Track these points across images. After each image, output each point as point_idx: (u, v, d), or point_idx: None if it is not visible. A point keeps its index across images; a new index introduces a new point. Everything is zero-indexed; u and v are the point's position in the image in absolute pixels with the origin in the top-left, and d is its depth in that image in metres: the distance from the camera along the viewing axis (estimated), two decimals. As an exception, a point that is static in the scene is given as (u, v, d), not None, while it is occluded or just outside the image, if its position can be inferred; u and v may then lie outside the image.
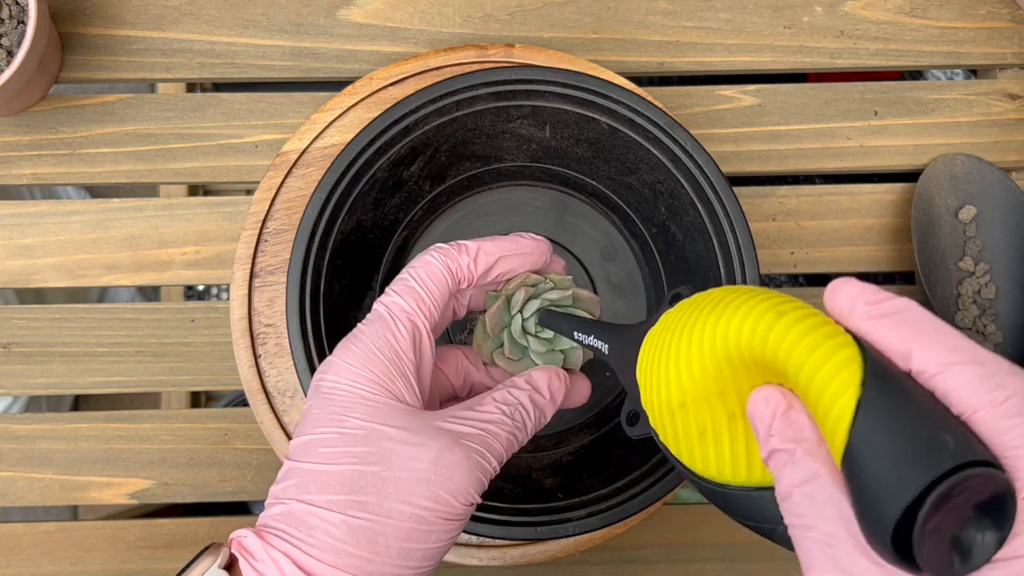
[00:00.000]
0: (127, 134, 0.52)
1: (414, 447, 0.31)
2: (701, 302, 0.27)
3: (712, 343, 0.25)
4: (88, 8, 0.52)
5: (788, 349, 0.23)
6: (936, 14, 0.54)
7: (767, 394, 0.24)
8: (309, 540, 0.29)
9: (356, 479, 0.30)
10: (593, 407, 0.48)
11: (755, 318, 0.24)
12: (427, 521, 0.31)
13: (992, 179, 0.52)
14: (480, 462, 0.32)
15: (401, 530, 0.30)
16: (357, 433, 0.31)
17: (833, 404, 0.22)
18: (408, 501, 0.30)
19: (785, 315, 0.24)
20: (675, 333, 0.27)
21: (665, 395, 0.27)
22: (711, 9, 0.54)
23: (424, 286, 0.35)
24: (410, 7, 0.53)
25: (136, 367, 0.52)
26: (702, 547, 0.52)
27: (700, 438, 0.27)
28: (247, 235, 0.48)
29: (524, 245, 0.37)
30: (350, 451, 0.30)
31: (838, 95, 0.54)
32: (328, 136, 0.49)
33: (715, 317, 0.25)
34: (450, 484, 0.31)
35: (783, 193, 0.54)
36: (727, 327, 0.25)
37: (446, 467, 0.31)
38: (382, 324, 0.34)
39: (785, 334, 0.23)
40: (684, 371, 0.26)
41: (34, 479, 0.51)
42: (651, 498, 0.40)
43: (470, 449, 0.32)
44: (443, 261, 0.35)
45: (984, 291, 0.51)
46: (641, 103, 0.42)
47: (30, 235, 0.52)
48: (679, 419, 0.27)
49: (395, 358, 0.33)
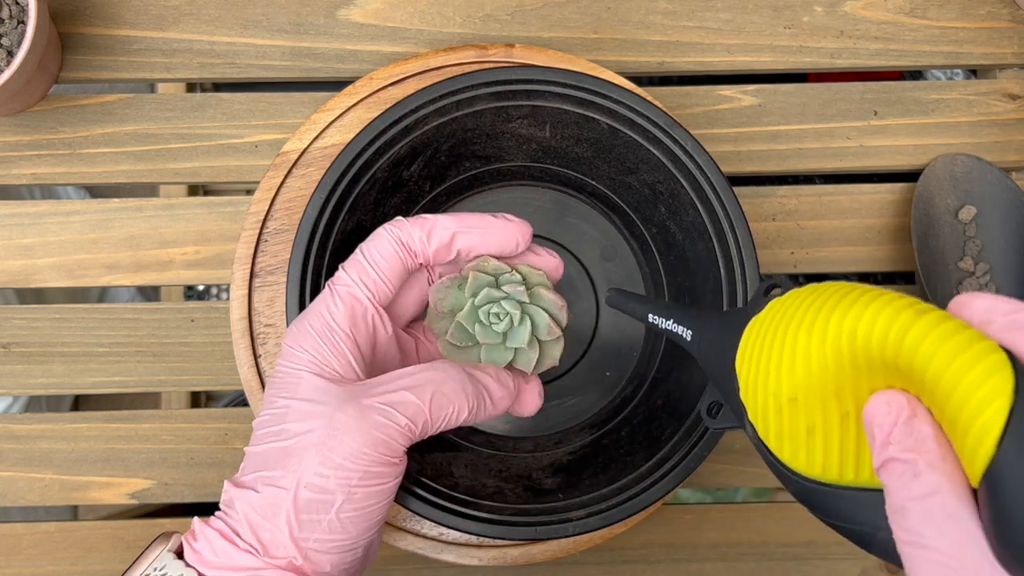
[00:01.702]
0: (127, 134, 0.52)
1: (312, 416, 0.31)
2: (823, 293, 0.25)
3: (837, 337, 0.24)
4: (88, 8, 0.52)
5: (929, 351, 0.21)
6: (936, 14, 0.54)
7: (890, 398, 0.23)
8: (234, 516, 0.31)
9: (268, 456, 0.31)
10: (593, 407, 0.48)
11: (891, 315, 0.23)
12: (323, 489, 0.30)
13: (992, 179, 0.52)
14: (380, 420, 0.31)
15: (300, 501, 0.30)
16: (279, 412, 0.32)
17: (980, 413, 0.20)
18: (302, 470, 0.30)
19: (925, 314, 0.22)
20: (792, 324, 0.26)
21: (775, 388, 0.26)
22: (711, 9, 0.54)
23: (370, 258, 0.34)
24: (410, 7, 0.53)
25: (136, 367, 0.52)
26: (702, 547, 0.52)
27: (808, 435, 0.26)
28: (247, 235, 0.48)
29: (489, 223, 0.36)
30: (271, 430, 0.31)
31: (838, 95, 0.54)
32: (328, 136, 0.49)
33: (843, 310, 0.24)
34: (343, 447, 0.30)
35: (783, 193, 0.54)
36: (857, 321, 0.23)
37: (337, 429, 0.30)
38: (320, 300, 0.34)
39: (926, 334, 0.22)
40: (800, 364, 0.25)
41: (34, 479, 0.51)
42: (651, 498, 0.40)
43: (369, 408, 0.31)
44: (394, 234, 0.35)
45: (984, 291, 0.51)
46: (641, 103, 0.42)
47: (30, 235, 0.52)
48: (787, 414, 0.26)
49: (327, 332, 0.33)
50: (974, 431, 0.20)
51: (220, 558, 0.30)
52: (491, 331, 0.37)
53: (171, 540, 0.32)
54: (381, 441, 0.31)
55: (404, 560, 0.51)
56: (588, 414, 0.48)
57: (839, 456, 0.25)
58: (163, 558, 0.31)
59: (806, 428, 0.25)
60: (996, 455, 0.20)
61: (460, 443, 0.46)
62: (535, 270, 0.38)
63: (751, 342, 0.28)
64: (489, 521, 0.40)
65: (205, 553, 0.31)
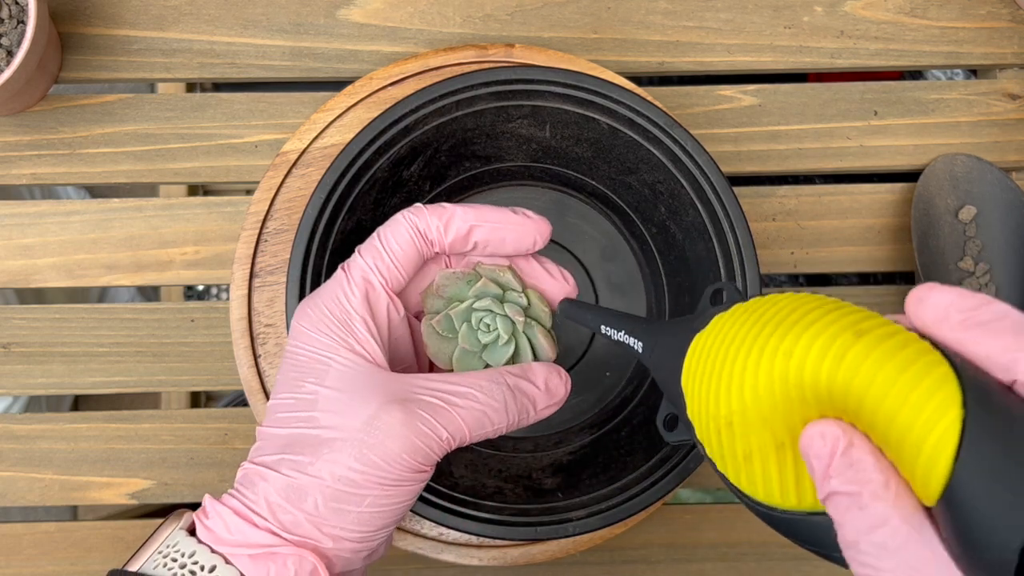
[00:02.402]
0: (127, 134, 0.52)
1: (350, 407, 0.31)
2: (764, 312, 0.24)
3: (771, 365, 0.23)
4: (88, 8, 0.52)
5: (867, 376, 0.20)
6: (936, 14, 0.54)
7: (823, 429, 0.22)
8: (251, 496, 0.31)
9: (296, 439, 0.31)
10: (593, 407, 0.48)
11: (827, 342, 0.22)
12: (356, 483, 0.30)
13: (992, 179, 0.52)
14: (423, 429, 0.30)
15: (329, 490, 0.30)
16: (307, 397, 0.31)
17: (929, 433, 0.19)
18: (337, 461, 0.30)
19: (865, 334, 0.21)
20: (732, 344, 0.25)
21: (713, 410, 0.25)
22: (711, 9, 0.54)
23: (385, 243, 0.34)
24: (410, 7, 0.53)
25: (136, 367, 0.52)
26: (702, 547, 0.52)
27: (746, 461, 0.25)
28: (247, 235, 0.48)
29: (508, 218, 0.36)
30: (299, 415, 0.31)
31: (838, 95, 0.54)
32: (328, 136, 0.49)
33: (780, 336, 0.23)
34: (382, 448, 0.30)
35: (783, 193, 0.54)
36: (794, 345, 0.22)
37: (380, 430, 0.30)
38: (335, 283, 0.33)
39: (863, 360, 0.21)
40: (735, 389, 0.24)
41: (34, 479, 0.51)
42: (651, 498, 0.40)
43: (414, 414, 0.30)
44: (410, 220, 0.34)
45: (984, 291, 0.51)
46: (641, 103, 0.42)
47: (30, 235, 0.52)
48: (725, 437, 0.25)
49: (345, 317, 0.32)
50: (926, 451, 0.19)
51: (234, 535, 0.30)
52: (474, 337, 0.36)
53: (183, 518, 0.32)
54: (420, 450, 0.30)
55: (404, 560, 0.51)
56: (588, 414, 0.48)
57: (779, 484, 0.24)
58: (176, 535, 0.31)
59: (743, 454, 0.25)
60: (953, 473, 0.19)
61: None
62: (543, 304, 0.37)
63: (694, 360, 0.27)
64: (489, 521, 0.40)
65: (218, 530, 0.30)
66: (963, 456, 0.19)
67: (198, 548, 0.30)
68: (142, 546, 0.31)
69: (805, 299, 0.24)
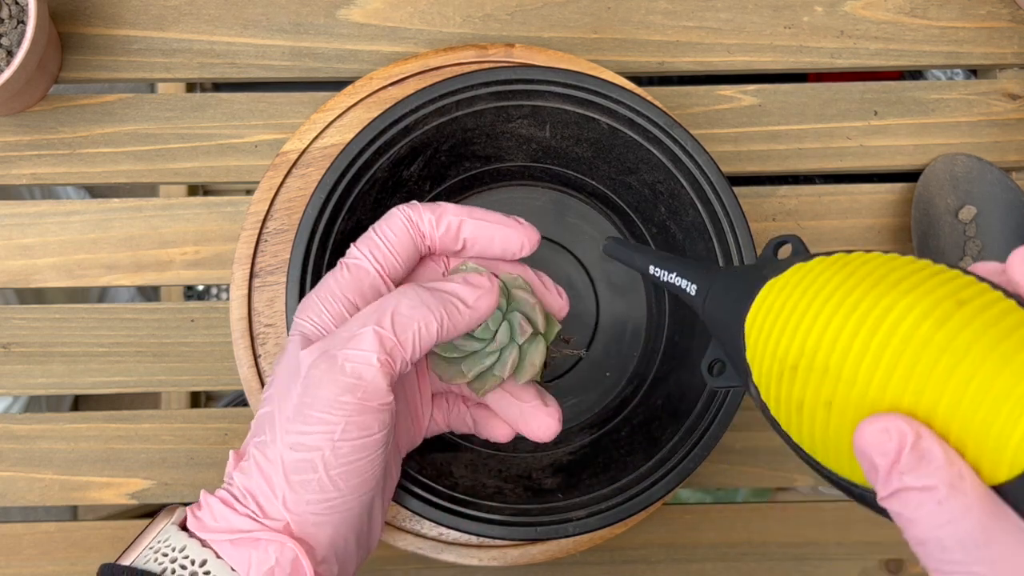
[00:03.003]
0: (127, 134, 0.52)
1: (292, 377, 0.31)
2: (858, 267, 0.24)
3: (866, 316, 0.23)
4: (88, 8, 0.52)
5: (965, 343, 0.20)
6: (936, 14, 0.54)
7: (888, 425, 0.21)
8: (231, 482, 0.31)
9: (260, 421, 0.32)
10: (593, 407, 0.48)
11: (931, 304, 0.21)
12: (306, 446, 0.30)
13: (992, 179, 0.52)
14: (348, 365, 0.30)
15: (288, 463, 0.30)
16: (270, 379, 0.33)
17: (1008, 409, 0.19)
18: (288, 430, 0.30)
19: (966, 303, 0.21)
20: (819, 292, 0.24)
21: (782, 352, 0.25)
22: (711, 9, 0.54)
23: (381, 234, 0.35)
24: (410, 7, 0.53)
25: (136, 367, 0.52)
26: (702, 547, 0.52)
27: (798, 410, 0.25)
28: (247, 235, 0.48)
29: (499, 219, 0.36)
30: (271, 394, 0.32)
31: (838, 95, 0.54)
32: (328, 136, 0.49)
33: (880, 290, 0.23)
34: (318, 400, 0.30)
35: (783, 193, 0.54)
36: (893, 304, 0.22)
37: (311, 384, 0.30)
38: (330, 274, 0.35)
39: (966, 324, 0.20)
40: (814, 333, 0.24)
41: (34, 479, 0.51)
42: (651, 498, 0.40)
43: (333, 355, 0.30)
44: (405, 212, 0.36)
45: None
46: (641, 103, 0.42)
47: (30, 235, 0.52)
48: (786, 382, 0.25)
49: (329, 298, 0.33)
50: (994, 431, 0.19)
51: (219, 522, 0.30)
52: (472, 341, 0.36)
53: (176, 513, 0.32)
54: (355, 386, 0.30)
55: (404, 560, 0.51)
56: (588, 414, 0.48)
57: (822, 443, 0.24)
58: (167, 530, 0.31)
59: (797, 402, 0.25)
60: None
61: (460, 443, 0.46)
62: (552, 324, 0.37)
63: (766, 303, 0.27)
64: (489, 521, 0.40)
65: (206, 519, 0.31)
66: None
67: (189, 542, 0.30)
68: (134, 541, 0.31)
69: (902, 260, 0.24)
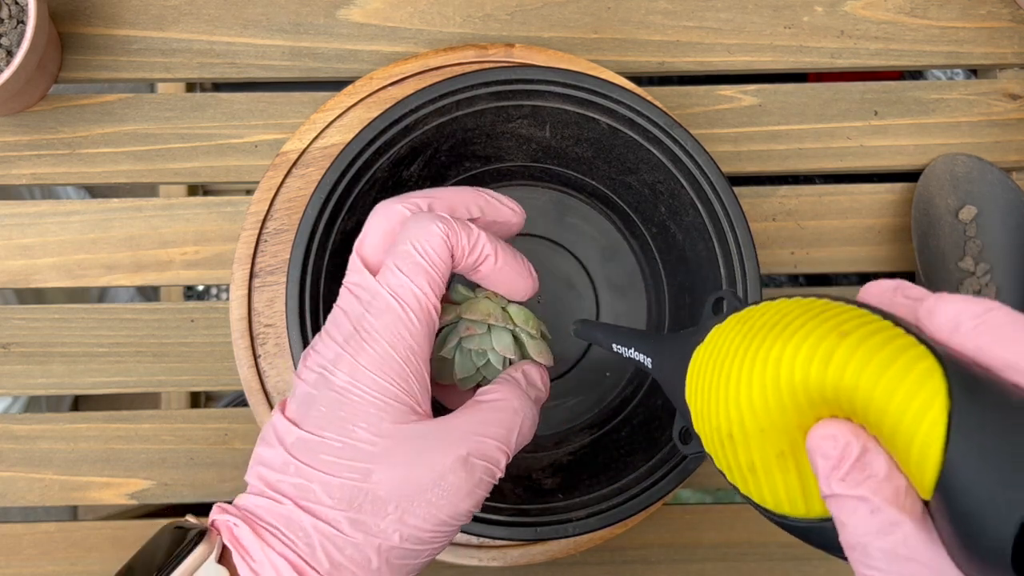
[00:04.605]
0: (127, 134, 0.52)
1: (417, 467, 0.30)
2: (755, 323, 0.25)
3: (763, 371, 0.23)
4: (88, 8, 0.52)
5: (853, 374, 0.21)
6: (936, 14, 0.54)
7: (835, 431, 0.21)
8: (305, 548, 0.29)
9: (356, 495, 0.29)
10: (593, 407, 0.48)
11: (814, 342, 0.22)
12: (422, 540, 0.30)
13: (992, 179, 0.52)
14: (485, 479, 0.31)
15: (395, 551, 0.30)
16: (364, 448, 0.29)
17: (918, 426, 0.19)
18: (405, 523, 0.30)
19: (849, 335, 0.21)
20: (728, 357, 0.25)
21: (715, 422, 0.25)
22: (711, 9, 0.54)
23: (431, 262, 0.31)
24: (410, 7, 0.53)
25: (136, 367, 0.52)
26: (702, 547, 0.52)
27: (751, 472, 0.25)
28: (247, 235, 0.48)
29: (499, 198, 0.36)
30: (355, 465, 0.29)
31: (838, 95, 0.54)
32: (328, 136, 0.49)
33: (770, 342, 0.23)
34: (452, 508, 0.30)
35: (783, 193, 0.54)
36: (781, 352, 0.23)
37: (448, 490, 0.30)
38: (394, 317, 0.30)
39: (848, 359, 0.21)
40: (732, 401, 0.24)
41: (34, 479, 0.51)
42: (651, 498, 0.40)
43: (474, 469, 0.30)
44: (445, 232, 0.32)
45: (984, 291, 0.51)
46: (641, 103, 0.42)
47: (30, 235, 0.52)
48: (728, 449, 0.25)
49: (410, 356, 0.30)
50: (917, 443, 0.20)
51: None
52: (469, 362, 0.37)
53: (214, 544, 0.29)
54: (480, 500, 0.31)
55: (404, 560, 0.51)
56: (588, 414, 0.48)
57: (785, 493, 0.24)
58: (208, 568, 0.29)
59: (747, 465, 0.25)
60: (945, 460, 0.19)
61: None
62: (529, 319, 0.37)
63: (694, 374, 0.27)
64: (489, 521, 0.40)
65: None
66: (952, 442, 0.19)
67: None
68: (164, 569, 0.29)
69: (792, 305, 0.24)
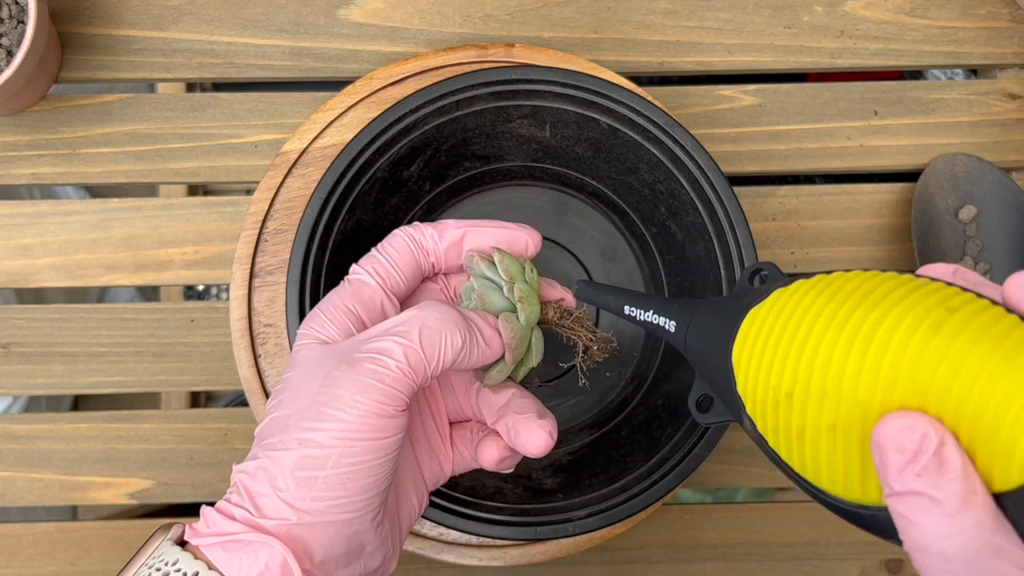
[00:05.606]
0: (127, 134, 0.52)
1: (306, 381, 0.31)
2: (841, 288, 0.24)
3: (853, 333, 0.22)
4: (88, 8, 0.52)
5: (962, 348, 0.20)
6: (936, 14, 0.54)
7: (913, 423, 0.20)
8: (231, 490, 0.31)
9: (269, 427, 0.32)
10: (593, 407, 0.48)
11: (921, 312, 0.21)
12: (318, 443, 0.30)
13: (992, 179, 0.52)
14: (369, 367, 0.30)
15: (295, 459, 0.30)
16: (280, 386, 0.33)
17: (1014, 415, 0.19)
18: (301, 428, 0.30)
19: (958, 310, 0.21)
20: (805, 316, 0.24)
21: (775, 381, 0.24)
22: (711, 9, 0.54)
23: (382, 251, 0.36)
24: (410, 7, 0.53)
25: (136, 367, 0.52)
26: (702, 547, 0.52)
27: (799, 438, 0.24)
28: (247, 235, 0.48)
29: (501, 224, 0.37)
30: (274, 402, 0.32)
31: (838, 95, 0.54)
32: (328, 136, 0.49)
33: (866, 307, 0.22)
34: (334, 399, 0.30)
35: (783, 193, 0.54)
36: (882, 318, 0.22)
37: (329, 384, 0.30)
38: (332, 290, 0.36)
39: (961, 330, 0.20)
40: (805, 360, 0.23)
41: (34, 479, 0.51)
42: (651, 498, 0.40)
43: (356, 360, 0.30)
44: (407, 231, 0.36)
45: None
46: (641, 103, 0.42)
47: (29, 235, 0.52)
48: (783, 410, 0.24)
49: (331, 309, 0.34)
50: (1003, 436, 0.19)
51: (211, 528, 0.30)
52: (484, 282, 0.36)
53: (172, 530, 0.32)
54: (373, 387, 0.30)
55: (404, 560, 0.51)
56: (588, 414, 0.48)
57: (828, 468, 0.23)
58: (163, 547, 0.31)
59: (796, 430, 0.24)
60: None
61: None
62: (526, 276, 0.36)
63: (752, 333, 0.26)
64: (489, 521, 0.40)
65: (199, 527, 0.31)
66: None
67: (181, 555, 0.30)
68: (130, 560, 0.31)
69: (883, 277, 0.24)
